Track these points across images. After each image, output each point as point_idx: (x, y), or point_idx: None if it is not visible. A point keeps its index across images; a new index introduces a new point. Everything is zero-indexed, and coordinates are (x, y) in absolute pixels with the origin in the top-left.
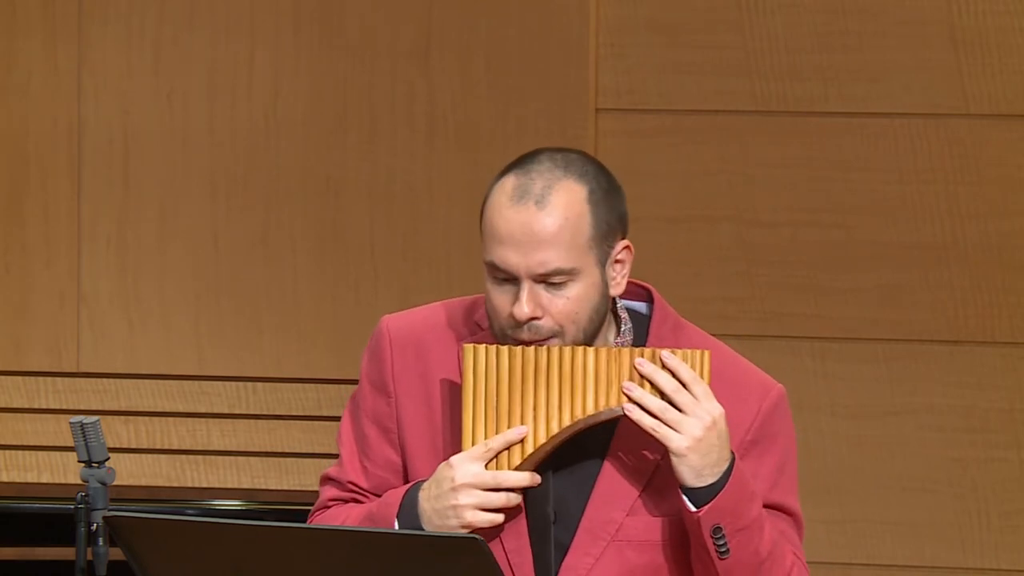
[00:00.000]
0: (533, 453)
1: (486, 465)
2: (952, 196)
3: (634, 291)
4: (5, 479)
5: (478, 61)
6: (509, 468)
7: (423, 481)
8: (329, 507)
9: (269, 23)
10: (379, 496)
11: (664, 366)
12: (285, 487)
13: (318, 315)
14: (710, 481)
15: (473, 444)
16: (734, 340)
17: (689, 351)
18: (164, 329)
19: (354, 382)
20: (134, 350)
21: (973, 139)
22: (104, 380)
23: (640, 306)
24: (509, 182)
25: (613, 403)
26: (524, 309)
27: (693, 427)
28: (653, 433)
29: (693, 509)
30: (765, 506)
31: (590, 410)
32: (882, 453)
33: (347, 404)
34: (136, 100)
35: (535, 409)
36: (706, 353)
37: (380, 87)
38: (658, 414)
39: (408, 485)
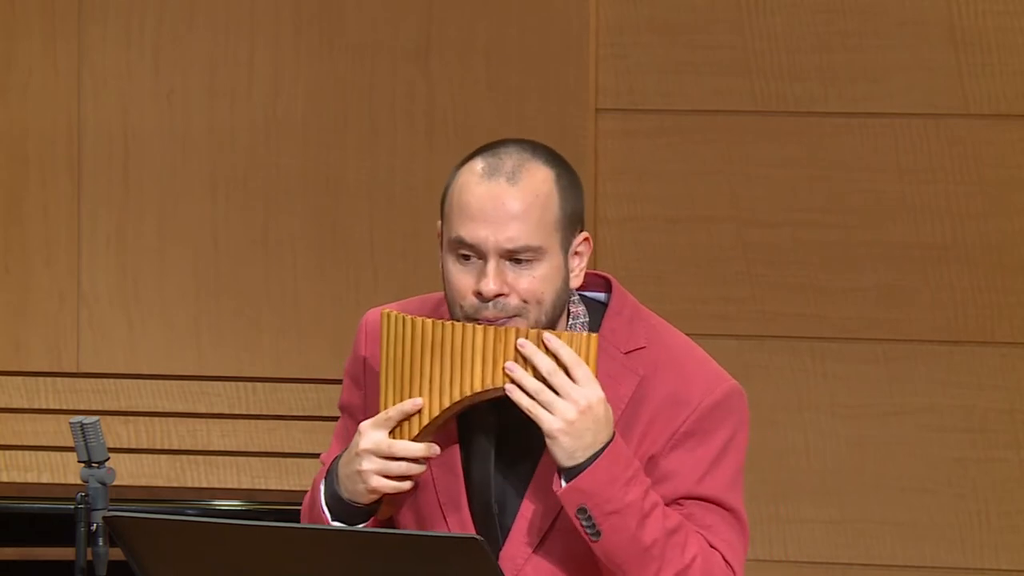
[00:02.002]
0: (427, 425)
1: (390, 434)
2: (952, 196)
3: (594, 281)
4: (5, 479)
5: (478, 61)
6: (408, 438)
7: (343, 452)
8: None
9: (269, 22)
10: None
11: (547, 349)
12: (285, 487)
13: (318, 315)
14: (579, 462)
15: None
16: (734, 340)
17: (576, 334)
18: (164, 329)
19: None
20: (134, 350)
21: (973, 139)
22: (104, 380)
23: (600, 296)
24: (477, 163)
25: (499, 382)
26: (491, 285)
27: (566, 409)
28: (528, 413)
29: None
30: (691, 498)
31: (477, 387)
32: (882, 453)
33: None
34: (136, 100)
35: (430, 382)
36: (592, 337)
37: (380, 87)
38: (534, 394)
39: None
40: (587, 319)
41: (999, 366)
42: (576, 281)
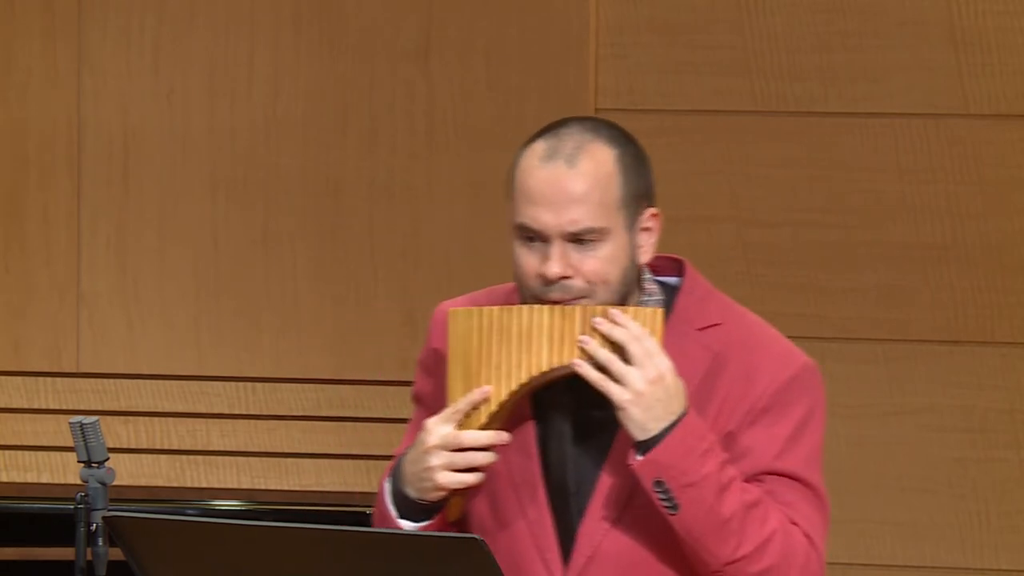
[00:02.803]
0: (497, 412)
1: (458, 426)
2: (952, 196)
3: (667, 264)
4: (5, 479)
5: (478, 61)
6: (476, 428)
7: (409, 449)
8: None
9: (269, 22)
10: None
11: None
12: (285, 487)
13: (318, 315)
14: (654, 433)
15: None
16: None
17: (641, 308)
18: (164, 329)
19: (354, 382)
20: (134, 350)
21: (973, 139)
22: (104, 380)
23: (672, 280)
24: (539, 145)
25: (566, 360)
26: (554, 268)
27: (636, 380)
28: (598, 386)
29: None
30: (771, 474)
31: (543, 367)
32: (882, 453)
33: None
34: (136, 100)
35: (497, 368)
36: (658, 311)
37: (380, 87)
38: (605, 365)
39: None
40: (661, 297)
41: (999, 366)
42: (645, 256)
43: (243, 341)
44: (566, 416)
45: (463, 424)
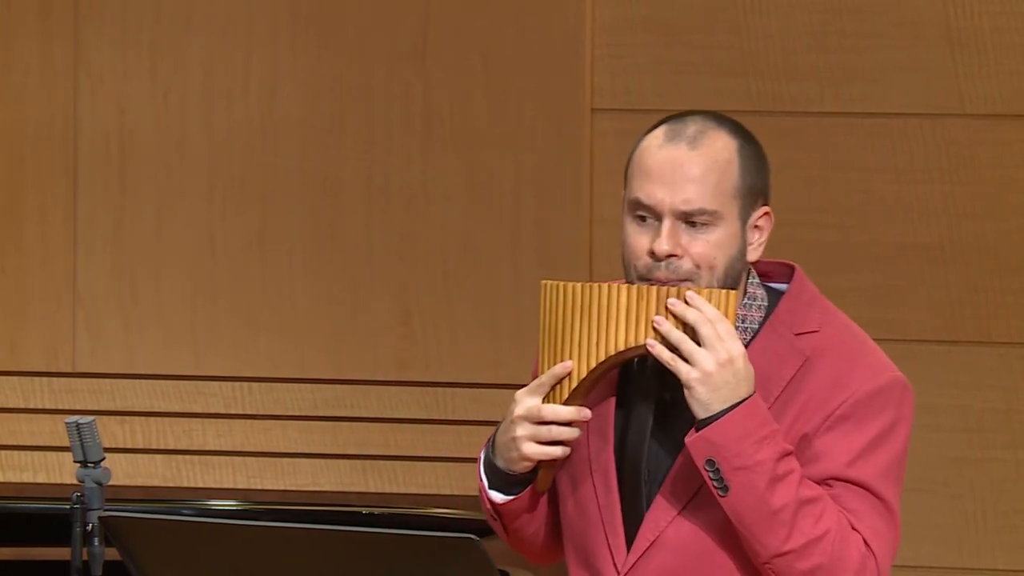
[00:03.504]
0: (576, 388)
1: (544, 400)
2: (948, 196)
3: (778, 270)
4: (1, 479)
5: (474, 61)
6: (559, 403)
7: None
8: None
9: (266, 23)
10: None
11: (690, 306)
12: (281, 487)
13: (314, 316)
14: (715, 413)
15: None
16: None
17: (716, 290)
18: (160, 329)
19: (350, 382)
20: (130, 350)
21: (969, 139)
22: (100, 380)
23: (782, 286)
24: (661, 129)
25: (641, 340)
26: (664, 245)
27: (706, 360)
28: (668, 365)
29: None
30: (840, 480)
31: (620, 346)
32: None
33: None
34: (132, 100)
35: (579, 345)
36: (732, 293)
37: (377, 88)
38: (676, 345)
39: None
40: (765, 303)
41: (996, 366)
42: (753, 254)
43: (239, 341)
44: (649, 404)
45: (550, 397)
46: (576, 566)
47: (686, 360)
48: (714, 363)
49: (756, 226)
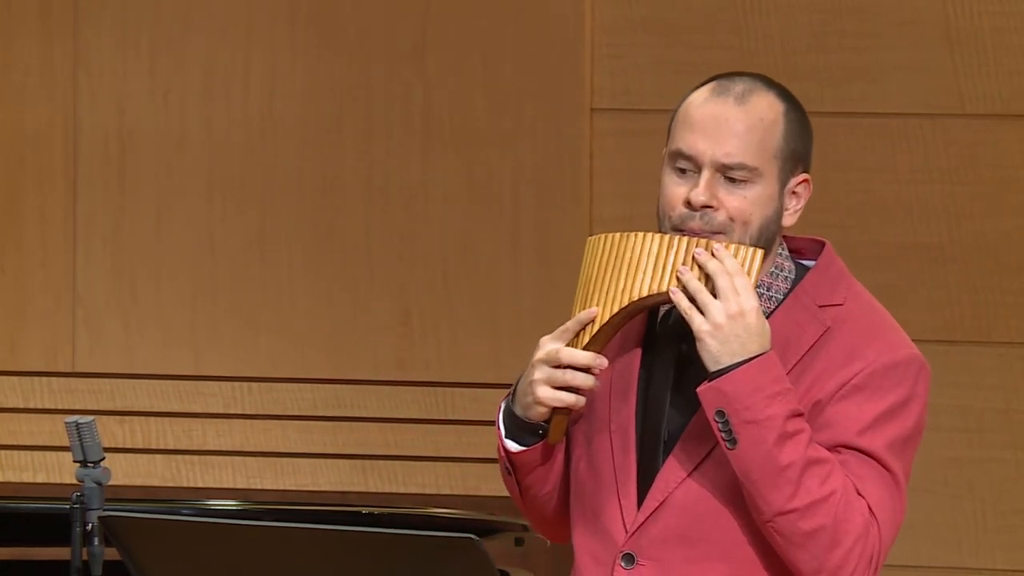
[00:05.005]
0: (596, 334)
1: (568, 345)
2: (948, 196)
3: (809, 247)
4: (1, 479)
5: (474, 61)
6: (579, 348)
7: None
8: None
9: (265, 23)
10: None
11: (715, 256)
12: (280, 487)
13: (314, 316)
14: (724, 366)
15: None
16: None
17: (743, 246)
18: (160, 329)
19: (350, 382)
20: (130, 350)
21: (969, 139)
22: (100, 380)
23: (810, 263)
24: (709, 86)
25: (664, 288)
26: (701, 195)
27: (717, 312)
28: (684, 314)
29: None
30: (850, 448)
31: (643, 292)
32: None
33: None
34: (132, 100)
35: (605, 292)
36: (758, 251)
37: (376, 87)
38: (694, 294)
39: None
40: (792, 275)
41: (995, 366)
42: (789, 220)
43: (239, 341)
44: (671, 365)
45: (573, 343)
46: (582, 528)
47: (701, 311)
48: (724, 315)
49: (794, 192)
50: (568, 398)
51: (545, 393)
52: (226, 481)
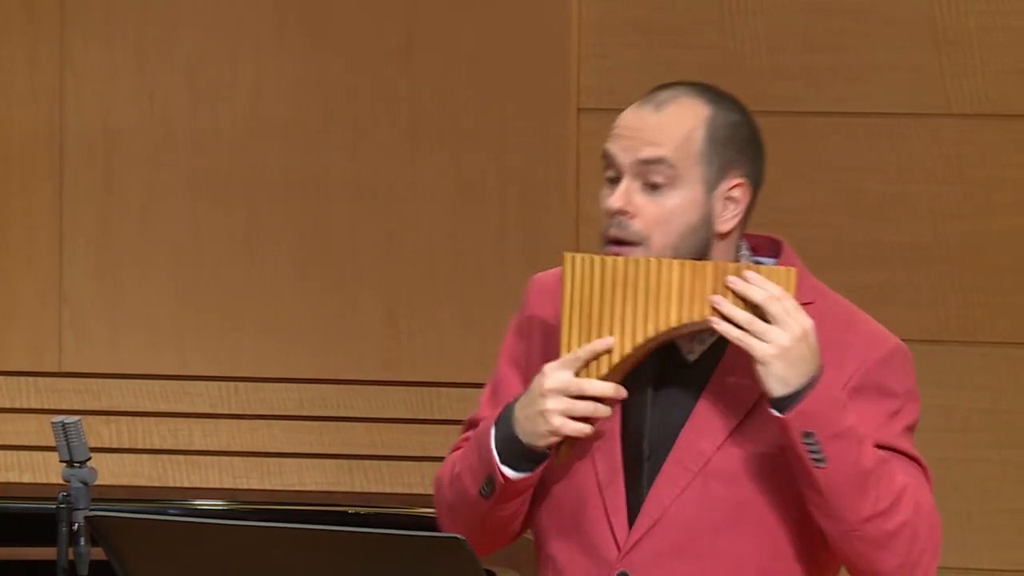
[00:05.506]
0: (618, 364)
1: (576, 375)
2: (934, 196)
3: (765, 245)
4: None
5: (461, 61)
6: (596, 378)
7: (521, 395)
8: (460, 447)
9: (252, 23)
10: None
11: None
12: (267, 487)
13: (300, 315)
14: (796, 388)
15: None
16: None
17: (775, 268)
18: (146, 329)
19: (336, 382)
20: (116, 350)
21: (955, 139)
22: (86, 380)
23: (769, 261)
24: (640, 98)
25: (696, 316)
26: (616, 201)
27: (780, 336)
28: (739, 343)
29: (780, 416)
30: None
31: (673, 322)
32: None
33: None
34: (118, 100)
35: (622, 320)
36: (792, 270)
37: (363, 87)
38: (745, 325)
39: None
40: None
41: (981, 366)
42: (724, 225)
43: (225, 341)
44: (648, 382)
45: (583, 373)
46: (564, 545)
47: (758, 337)
48: (790, 338)
49: (728, 197)
50: (585, 428)
51: (562, 423)
52: (212, 481)
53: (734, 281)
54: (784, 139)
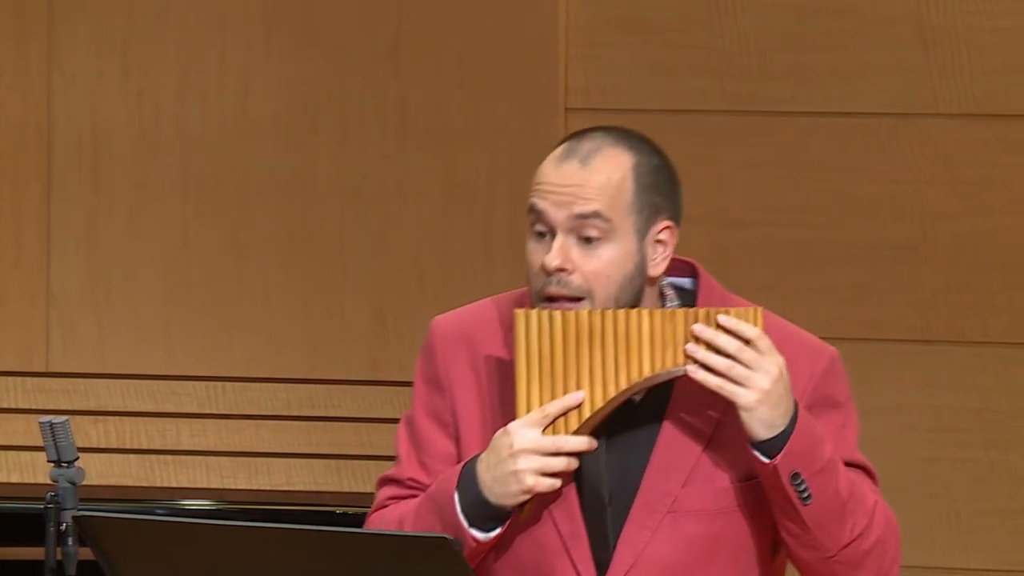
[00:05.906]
0: (590, 417)
1: (544, 431)
2: (923, 196)
3: (678, 267)
4: None
5: (449, 61)
6: (566, 433)
7: (479, 455)
8: (386, 505)
9: (239, 23)
10: None
11: (720, 327)
12: (254, 487)
13: (288, 315)
14: (781, 429)
15: (528, 411)
16: None
17: (743, 309)
18: (134, 329)
19: (324, 382)
20: (103, 350)
21: (943, 139)
22: (73, 380)
23: (685, 282)
24: (560, 147)
25: (669, 364)
26: (553, 259)
27: (761, 380)
28: (719, 391)
29: (767, 461)
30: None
31: (647, 372)
32: None
33: (403, 413)
34: (106, 100)
35: (591, 373)
36: (759, 310)
37: (351, 87)
38: (724, 372)
39: (464, 461)
40: (679, 303)
41: (970, 366)
42: (655, 269)
43: (213, 341)
44: (600, 431)
45: (550, 430)
46: None
47: (738, 384)
48: (769, 381)
49: (658, 240)
50: (557, 483)
51: (536, 481)
52: (200, 481)
53: (701, 330)
54: (772, 139)
